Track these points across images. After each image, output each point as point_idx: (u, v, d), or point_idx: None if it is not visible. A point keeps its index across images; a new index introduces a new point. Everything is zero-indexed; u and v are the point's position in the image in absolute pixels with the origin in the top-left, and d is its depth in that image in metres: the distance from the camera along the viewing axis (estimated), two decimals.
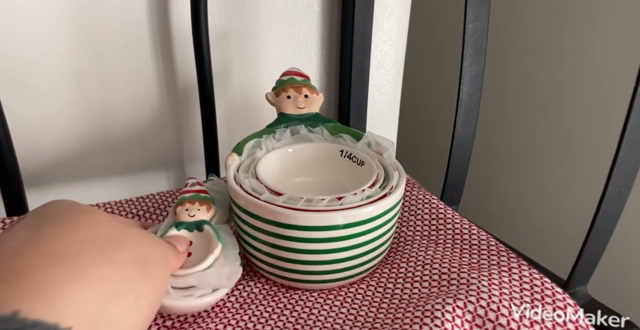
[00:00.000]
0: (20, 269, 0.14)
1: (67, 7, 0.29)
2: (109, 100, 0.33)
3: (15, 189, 0.27)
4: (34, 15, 0.28)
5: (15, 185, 0.27)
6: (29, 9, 0.28)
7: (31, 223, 0.16)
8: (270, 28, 0.38)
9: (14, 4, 0.28)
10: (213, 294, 0.21)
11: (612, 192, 0.21)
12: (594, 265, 0.23)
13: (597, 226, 0.22)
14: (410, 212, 0.30)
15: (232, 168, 0.25)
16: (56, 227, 0.16)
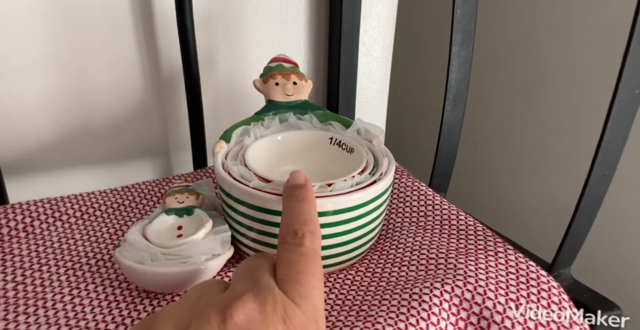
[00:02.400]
0: None
1: None
2: (91, 87, 0.32)
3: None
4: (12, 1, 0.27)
5: None
6: None
7: None
8: (256, 12, 0.38)
9: None
10: (212, 261, 0.22)
11: (597, 175, 0.21)
12: (577, 248, 0.24)
13: (582, 209, 0.22)
14: (399, 199, 0.31)
15: (220, 155, 0.25)
16: None
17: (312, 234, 0.17)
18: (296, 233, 0.17)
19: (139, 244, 0.22)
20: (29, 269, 0.23)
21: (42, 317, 0.20)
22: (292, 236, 0.17)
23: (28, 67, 0.29)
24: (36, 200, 0.27)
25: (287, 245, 0.16)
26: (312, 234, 0.17)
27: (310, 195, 0.19)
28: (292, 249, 0.16)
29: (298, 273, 0.15)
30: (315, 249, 0.17)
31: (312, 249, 0.16)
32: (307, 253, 0.16)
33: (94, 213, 0.28)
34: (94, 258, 0.24)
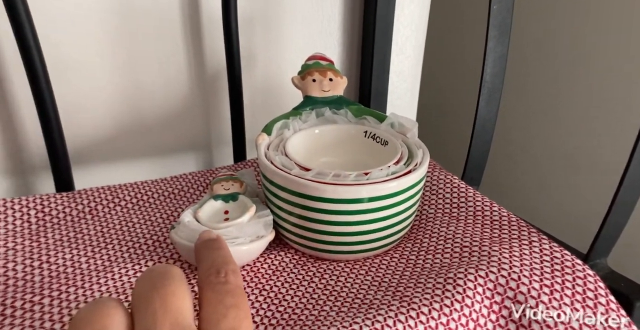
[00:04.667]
0: None
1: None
2: (144, 84, 0.35)
3: (64, 166, 0.30)
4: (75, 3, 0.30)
5: (63, 163, 0.29)
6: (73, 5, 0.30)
7: None
8: (294, 13, 0.40)
9: None
10: (257, 243, 0.24)
11: (636, 166, 0.21)
12: (615, 238, 0.24)
13: (620, 198, 0.22)
14: (431, 191, 0.31)
15: (263, 146, 0.26)
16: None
17: (234, 272, 0.17)
18: (219, 272, 0.17)
19: (192, 225, 0.24)
20: (97, 247, 0.26)
21: (113, 287, 0.22)
22: (215, 276, 0.16)
23: (90, 67, 0.32)
24: (98, 187, 0.30)
25: (212, 284, 0.16)
26: (234, 271, 0.17)
27: (224, 244, 0.19)
28: (217, 288, 0.16)
29: (227, 308, 0.15)
30: (239, 285, 0.17)
31: (237, 285, 0.16)
32: (233, 289, 0.16)
33: (147, 199, 0.30)
34: (150, 239, 0.27)
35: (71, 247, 0.26)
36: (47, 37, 0.29)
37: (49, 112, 0.28)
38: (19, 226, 0.26)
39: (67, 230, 0.27)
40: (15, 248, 0.25)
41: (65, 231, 0.27)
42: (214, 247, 0.19)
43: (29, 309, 0.21)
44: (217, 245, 0.19)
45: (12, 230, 0.26)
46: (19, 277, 0.23)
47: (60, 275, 0.23)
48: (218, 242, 0.19)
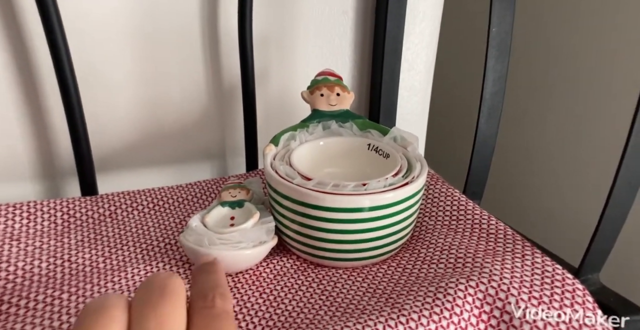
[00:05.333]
0: None
1: (132, 15, 0.34)
2: (165, 97, 0.38)
3: (89, 172, 0.32)
4: (106, 24, 0.33)
5: (88, 169, 0.32)
6: (102, 18, 0.33)
7: None
8: (307, 32, 0.42)
9: (90, 14, 0.32)
10: (260, 248, 0.25)
11: (622, 182, 0.22)
12: (605, 254, 0.24)
13: (608, 215, 0.23)
14: (432, 203, 0.32)
15: (269, 156, 0.28)
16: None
17: (222, 295, 0.17)
18: (206, 297, 0.16)
19: (199, 229, 0.26)
20: (113, 247, 0.28)
21: (125, 286, 0.24)
22: (202, 300, 0.16)
23: (116, 82, 0.35)
24: (118, 192, 0.32)
25: (199, 309, 0.16)
26: (223, 295, 0.17)
27: (218, 268, 0.19)
28: (204, 312, 0.16)
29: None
30: (227, 310, 0.16)
31: (224, 310, 0.16)
32: (219, 314, 0.16)
33: (162, 205, 0.32)
34: (162, 242, 0.28)
35: (91, 247, 0.28)
36: (80, 56, 0.32)
37: (77, 123, 0.31)
38: (46, 227, 0.29)
39: (89, 232, 0.29)
40: (41, 247, 0.27)
41: (86, 233, 0.29)
42: (208, 270, 0.19)
43: (50, 303, 0.23)
44: (212, 268, 0.19)
45: (39, 230, 0.29)
46: (43, 274, 0.25)
47: (79, 273, 0.26)
48: (213, 266, 0.19)
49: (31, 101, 0.33)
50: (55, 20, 0.29)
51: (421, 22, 0.45)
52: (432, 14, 0.45)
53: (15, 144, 0.33)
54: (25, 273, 0.25)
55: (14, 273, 0.25)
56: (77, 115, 0.31)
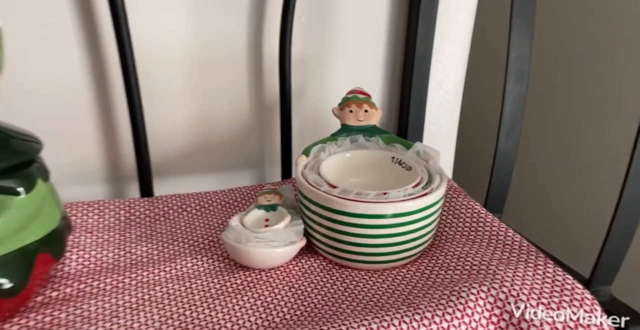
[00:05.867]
0: None
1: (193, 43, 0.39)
2: (212, 113, 0.42)
3: (147, 176, 0.37)
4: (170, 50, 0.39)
5: (147, 174, 0.37)
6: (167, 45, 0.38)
7: None
8: (341, 54, 0.45)
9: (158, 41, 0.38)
10: (290, 247, 0.28)
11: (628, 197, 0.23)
12: (615, 267, 0.25)
13: (615, 228, 0.24)
14: (453, 215, 0.34)
15: (301, 166, 0.32)
16: None
17: None
18: None
19: (238, 229, 0.29)
20: (165, 242, 0.32)
21: (174, 275, 0.28)
22: None
23: (173, 99, 0.41)
24: (171, 195, 0.37)
25: None
26: None
27: None
28: None
29: None
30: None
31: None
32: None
33: (208, 207, 0.37)
34: (207, 239, 0.32)
35: (147, 241, 0.32)
36: (145, 77, 0.37)
37: (140, 135, 0.36)
38: (112, 222, 0.34)
39: (146, 228, 0.34)
40: (108, 239, 0.32)
41: (144, 229, 0.34)
42: None
43: (115, 286, 0.27)
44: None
45: (107, 225, 0.34)
46: (110, 262, 0.30)
47: (138, 263, 0.30)
48: None
49: (104, 117, 0.38)
50: (128, 48, 0.34)
51: (450, 45, 0.48)
52: (461, 37, 0.48)
53: (91, 153, 0.39)
54: (97, 260, 0.29)
55: (88, 260, 0.29)
56: (140, 128, 0.36)
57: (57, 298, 0.26)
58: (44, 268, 0.25)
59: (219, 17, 0.39)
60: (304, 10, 0.41)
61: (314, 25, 0.43)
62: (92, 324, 0.24)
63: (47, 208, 0.25)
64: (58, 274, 0.28)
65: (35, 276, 0.23)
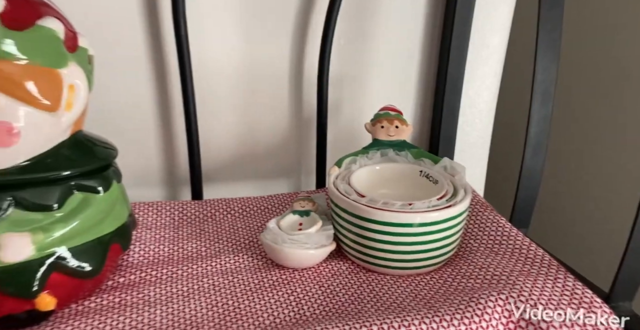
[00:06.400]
0: None
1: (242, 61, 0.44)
2: (255, 125, 0.47)
3: (198, 182, 0.42)
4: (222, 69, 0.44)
5: (198, 179, 0.42)
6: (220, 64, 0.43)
7: None
8: (376, 73, 0.49)
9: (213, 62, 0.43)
10: (321, 250, 0.31)
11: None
12: (636, 282, 0.25)
13: (634, 242, 0.24)
14: (479, 228, 0.36)
15: (333, 176, 0.35)
16: None
17: None
18: None
19: (275, 230, 0.33)
20: (212, 240, 0.36)
21: (219, 269, 0.32)
22: None
23: (223, 112, 0.45)
24: (217, 199, 0.41)
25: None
26: None
27: None
28: None
29: None
30: None
31: None
32: None
33: (249, 211, 0.40)
34: (247, 239, 0.36)
35: (196, 239, 0.36)
36: (200, 93, 0.42)
37: (194, 144, 0.41)
38: (167, 221, 0.38)
39: (195, 227, 0.38)
40: (164, 236, 0.37)
41: (194, 228, 0.38)
42: None
43: (169, 276, 0.31)
44: None
45: (163, 223, 0.38)
46: (165, 255, 0.34)
47: (189, 257, 0.34)
48: None
49: (164, 130, 0.44)
50: (188, 71, 0.39)
51: (484, 66, 0.49)
52: (494, 59, 0.49)
53: (151, 160, 0.44)
54: (155, 253, 0.34)
55: (147, 252, 0.34)
56: (194, 139, 0.41)
57: (124, 283, 0.30)
58: (115, 257, 0.29)
59: (266, 41, 0.44)
60: (343, 33, 0.45)
61: (351, 47, 0.46)
62: (152, 306, 0.28)
63: (119, 205, 0.29)
64: (124, 263, 0.32)
65: (108, 263, 0.28)
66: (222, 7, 0.41)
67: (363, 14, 0.46)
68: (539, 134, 0.34)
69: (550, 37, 0.32)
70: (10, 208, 0.24)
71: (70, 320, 0.26)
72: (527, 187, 0.35)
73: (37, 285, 0.24)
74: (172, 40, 0.39)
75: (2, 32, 0.22)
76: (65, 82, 0.25)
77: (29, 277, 0.24)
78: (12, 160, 0.24)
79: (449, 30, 0.45)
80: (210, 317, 0.27)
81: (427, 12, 0.47)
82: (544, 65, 0.33)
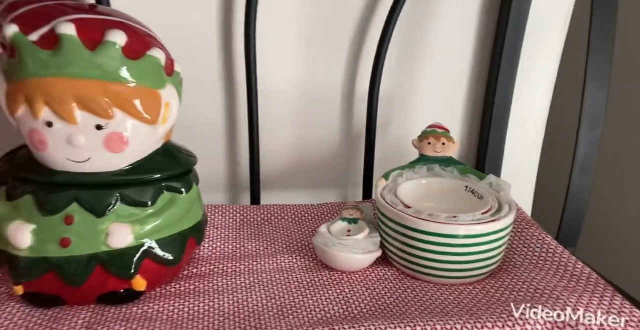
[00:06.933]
0: None
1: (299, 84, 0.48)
2: (309, 139, 0.51)
3: (257, 188, 0.46)
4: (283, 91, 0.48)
5: (257, 186, 0.46)
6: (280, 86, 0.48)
7: None
8: (425, 92, 0.51)
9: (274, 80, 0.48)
10: (368, 255, 0.34)
11: None
12: None
13: None
14: (524, 244, 0.37)
15: (380, 188, 0.37)
16: None
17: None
18: None
19: (325, 235, 0.36)
20: (268, 242, 0.40)
21: (276, 267, 0.36)
22: None
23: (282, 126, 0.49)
24: (274, 204, 0.46)
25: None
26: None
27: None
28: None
29: None
30: None
31: None
32: None
33: (302, 217, 0.44)
34: (301, 242, 0.40)
35: (256, 239, 0.40)
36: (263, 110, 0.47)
37: (255, 155, 0.46)
38: (231, 222, 0.43)
39: (254, 229, 0.42)
40: (228, 235, 0.41)
41: (253, 230, 0.42)
42: None
43: (234, 270, 0.35)
44: None
45: (227, 224, 0.43)
46: (230, 252, 0.38)
47: (249, 255, 0.38)
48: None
49: (230, 141, 0.49)
50: (254, 89, 0.44)
51: (536, 89, 0.51)
52: (545, 82, 0.50)
53: (217, 167, 0.50)
54: (221, 250, 0.38)
55: (215, 249, 0.38)
56: (255, 151, 0.46)
57: (196, 274, 0.35)
58: (191, 249, 0.34)
59: (323, 63, 0.48)
60: (395, 54, 0.48)
61: (402, 66, 0.49)
62: (220, 294, 0.32)
63: (196, 205, 0.34)
64: (196, 257, 0.37)
65: (186, 254, 0.32)
66: (288, 34, 0.46)
67: (414, 37, 0.49)
68: (587, 156, 0.35)
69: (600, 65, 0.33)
70: (117, 203, 0.29)
71: (156, 301, 0.31)
72: (574, 207, 0.36)
73: (134, 268, 0.29)
74: (242, 62, 0.44)
75: (122, 61, 0.28)
76: (163, 101, 0.30)
77: (129, 261, 0.29)
78: (120, 164, 0.30)
79: (499, 54, 0.47)
80: (270, 308, 0.30)
81: (477, 35, 0.49)
82: (593, 92, 0.34)
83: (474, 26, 0.49)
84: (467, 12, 0.48)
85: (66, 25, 0.26)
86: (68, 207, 0.28)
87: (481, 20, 0.49)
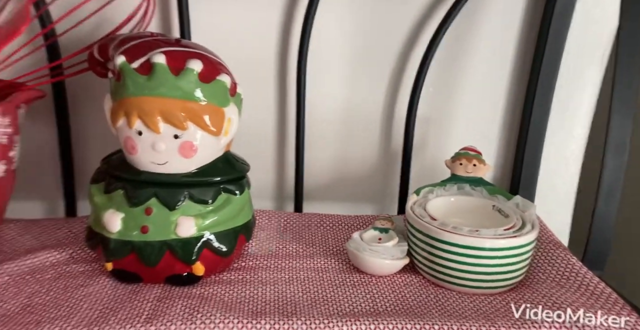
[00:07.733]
0: None
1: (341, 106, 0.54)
2: (349, 157, 0.55)
3: (300, 198, 0.52)
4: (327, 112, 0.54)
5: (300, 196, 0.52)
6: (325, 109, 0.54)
7: None
8: (460, 118, 0.54)
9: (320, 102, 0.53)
10: (395, 261, 0.37)
11: None
12: None
13: None
14: (548, 263, 0.38)
15: (411, 201, 0.41)
16: None
17: None
18: None
19: (358, 241, 0.40)
20: (307, 245, 0.44)
21: (313, 267, 0.40)
22: None
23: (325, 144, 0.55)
24: (314, 213, 0.50)
25: None
26: None
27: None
28: None
29: None
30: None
31: None
32: None
33: (338, 225, 0.48)
34: (336, 246, 0.44)
35: (296, 242, 0.45)
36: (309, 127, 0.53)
37: (300, 168, 0.51)
38: (275, 226, 0.48)
39: (295, 233, 0.47)
40: (273, 236, 0.46)
41: (294, 233, 0.47)
42: None
43: (276, 266, 0.40)
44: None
45: (272, 227, 0.48)
46: (273, 250, 0.43)
47: (290, 254, 0.43)
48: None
49: (279, 154, 0.55)
50: (302, 110, 0.50)
51: (572, 118, 0.52)
52: (583, 111, 0.51)
53: (267, 180, 0.56)
54: (265, 249, 0.44)
55: (260, 246, 0.44)
56: (301, 164, 0.51)
57: (244, 267, 0.40)
58: (241, 245, 0.39)
59: (365, 88, 0.53)
60: (432, 81, 0.52)
61: (439, 93, 0.53)
62: (263, 284, 0.37)
63: (247, 206, 0.40)
64: (244, 252, 0.42)
65: (236, 248, 0.38)
66: (335, 63, 0.52)
67: (452, 65, 0.52)
68: (612, 182, 0.36)
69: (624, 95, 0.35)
70: (186, 200, 0.36)
71: (211, 285, 0.36)
72: (600, 233, 0.37)
73: (195, 255, 0.35)
74: (293, 88, 0.50)
75: (197, 84, 0.34)
76: (226, 117, 0.37)
77: (191, 249, 0.35)
78: (189, 168, 0.36)
79: (535, 80, 0.49)
80: (306, 300, 0.35)
81: (514, 63, 0.52)
82: (618, 122, 0.36)
83: (511, 55, 0.52)
84: (504, 39, 0.51)
85: (158, 56, 0.33)
86: (148, 201, 0.35)
87: (518, 47, 0.52)
